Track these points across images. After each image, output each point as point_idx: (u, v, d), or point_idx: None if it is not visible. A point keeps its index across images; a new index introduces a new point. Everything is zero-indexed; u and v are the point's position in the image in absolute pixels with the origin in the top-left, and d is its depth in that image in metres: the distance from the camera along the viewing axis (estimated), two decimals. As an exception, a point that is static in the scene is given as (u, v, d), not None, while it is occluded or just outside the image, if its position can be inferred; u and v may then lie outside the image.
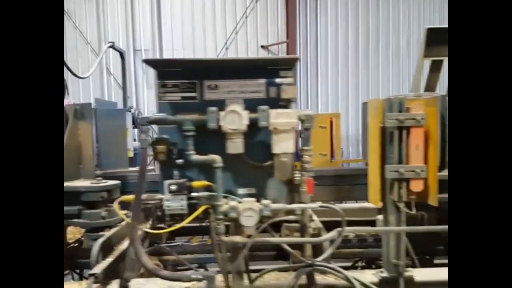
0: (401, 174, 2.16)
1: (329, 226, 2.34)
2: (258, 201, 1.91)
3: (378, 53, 10.16)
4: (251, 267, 2.17)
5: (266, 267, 2.22)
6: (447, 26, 4.22)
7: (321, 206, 1.95)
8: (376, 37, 10.15)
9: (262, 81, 2.01)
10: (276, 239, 2.03)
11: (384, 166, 2.19)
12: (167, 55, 9.65)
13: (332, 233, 1.99)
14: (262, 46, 10.09)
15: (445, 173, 2.69)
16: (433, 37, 3.99)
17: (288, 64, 2.00)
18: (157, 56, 9.49)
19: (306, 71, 10.16)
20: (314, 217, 2.69)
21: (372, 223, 2.64)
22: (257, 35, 10.09)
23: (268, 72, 2.00)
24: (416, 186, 2.18)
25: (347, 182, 3.44)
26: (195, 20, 9.98)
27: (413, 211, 2.16)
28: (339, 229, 1.98)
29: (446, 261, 3.12)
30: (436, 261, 3.17)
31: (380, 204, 2.23)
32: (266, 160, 1.99)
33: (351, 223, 2.70)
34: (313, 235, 2.35)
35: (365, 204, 3.30)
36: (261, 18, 10.11)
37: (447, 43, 4.86)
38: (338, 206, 3.00)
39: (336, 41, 10.12)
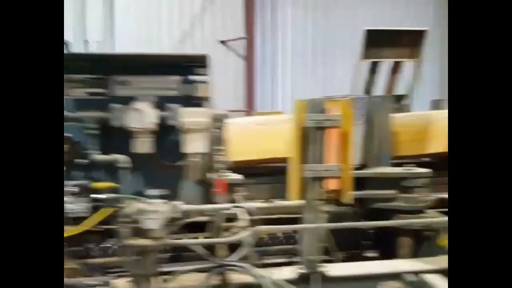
0: (318, 173, 2.21)
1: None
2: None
3: (336, 50, 10.19)
4: (181, 268, 2.15)
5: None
6: (386, 28, 4.34)
7: (234, 207, 1.96)
8: (334, 34, 10.17)
9: (176, 78, 1.98)
10: (184, 241, 2.01)
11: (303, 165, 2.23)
12: (119, 48, 9.33)
13: (246, 233, 2.01)
14: (221, 41, 9.97)
15: (368, 171, 2.80)
16: (371, 38, 4.12)
17: (201, 62, 1.98)
18: (109, 49, 9.15)
19: (263, 68, 10.13)
20: (244, 215, 2.71)
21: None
22: (215, 29, 9.95)
23: (183, 69, 1.98)
24: (332, 184, 2.25)
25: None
26: (150, 11, 9.71)
27: (330, 209, 2.22)
28: (253, 228, 2.00)
29: (375, 254, 3.24)
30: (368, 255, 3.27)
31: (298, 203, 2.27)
32: (177, 159, 1.97)
33: (290, 220, 2.76)
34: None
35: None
36: (221, 12, 9.96)
37: (386, 45, 4.94)
38: (279, 203, 3.05)
39: (295, 37, 10.11)
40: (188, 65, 1.98)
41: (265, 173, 3.25)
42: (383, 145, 2.90)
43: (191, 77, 1.99)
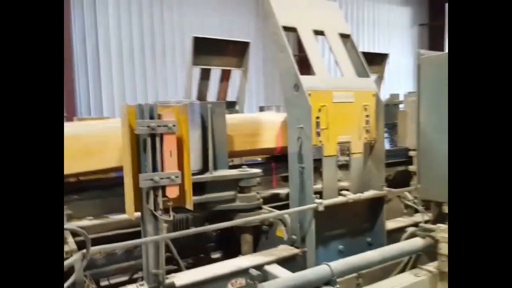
0: (156, 182, 2.13)
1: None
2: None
3: (167, 55, 10.01)
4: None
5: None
6: (212, 36, 4.52)
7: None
8: (162, 37, 9.96)
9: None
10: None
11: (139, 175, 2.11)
12: None
13: (75, 257, 1.77)
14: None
15: (208, 175, 2.86)
16: (200, 46, 4.25)
17: None
18: None
19: (85, 71, 9.18)
20: (69, 238, 2.40)
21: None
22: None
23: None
24: (172, 192, 2.20)
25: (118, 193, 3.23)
26: None
27: (171, 218, 2.17)
28: (83, 251, 1.78)
29: (219, 255, 3.33)
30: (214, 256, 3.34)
31: (135, 215, 2.14)
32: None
33: (124, 235, 2.56)
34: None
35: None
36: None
37: (214, 53, 5.11)
38: (114, 218, 2.79)
39: (119, 39, 9.49)
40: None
41: (94, 187, 2.97)
42: (220, 149, 3.01)
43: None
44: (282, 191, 3.96)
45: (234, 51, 4.41)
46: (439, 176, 2.50)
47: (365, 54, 3.07)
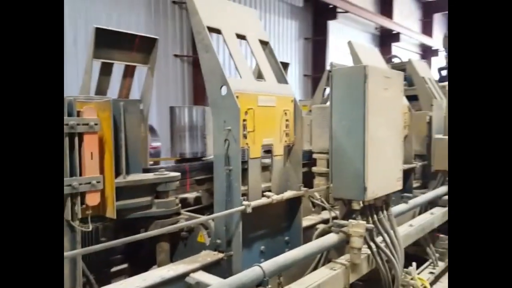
0: (75, 188, 1.89)
1: None
2: None
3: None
4: None
5: None
6: (115, 29, 4.21)
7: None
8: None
9: None
10: None
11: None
12: None
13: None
14: None
15: (121, 179, 2.64)
16: (103, 38, 3.90)
17: None
18: None
19: None
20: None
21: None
22: None
23: None
24: (93, 199, 1.98)
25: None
26: None
27: (90, 228, 1.95)
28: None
29: (124, 266, 3.09)
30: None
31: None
32: None
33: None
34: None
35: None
36: None
37: (118, 47, 4.79)
38: None
39: None
40: None
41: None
42: (133, 151, 2.82)
43: None
44: (190, 195, 3.89)
45: (140, 47, 4.17)
46: (349, 176, 2.78)
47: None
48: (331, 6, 14.87)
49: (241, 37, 2.92)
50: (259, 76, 3.04)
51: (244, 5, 3.20)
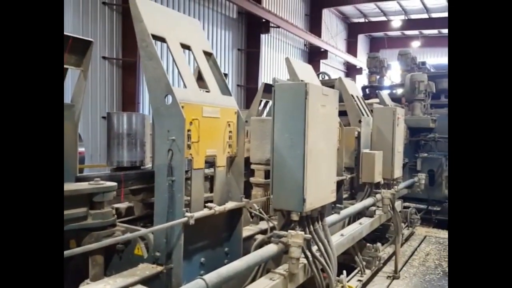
0: None
1: None
2: None
3: None
4: None
5: None
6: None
7: None
8: None
9: None
10: None
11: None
12: None
13: None
14: None
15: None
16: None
17: None
18: None
19: None
20: None
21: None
22: None
23: None
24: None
25: None
26: None
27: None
28: None
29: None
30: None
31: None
32: None
33: None
34: None
35: None
36: None
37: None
38: None
39: None
40: None
41: None
42: (66, 159, 2.68)
43: None
44: (122, 205, 3.77)
45: (73, 49, 3.99)
46: (289, 188, 2.93)
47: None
48: (264, 20, 15.39)
49: (185, 47, 2.95)
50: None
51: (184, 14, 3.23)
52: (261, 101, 5.91)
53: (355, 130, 5.27)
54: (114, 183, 2.80)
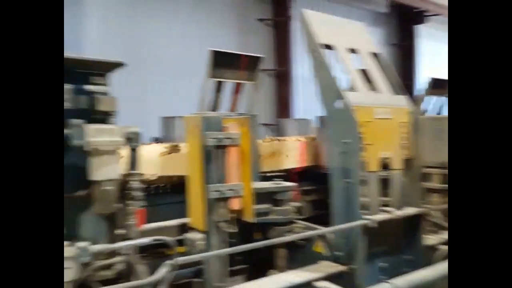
0: (222, 193, 2.22)
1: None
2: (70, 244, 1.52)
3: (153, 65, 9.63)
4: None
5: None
6: (231, 51, 4.65)
7: (155, 240, 1.74)
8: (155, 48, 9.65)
9: (67, 86, 1.64)
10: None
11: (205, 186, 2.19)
12: None
13: (162, 270, 1.80)
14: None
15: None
16: (216, 59, 4.36)
17: (103, 69, 1.71)
18: None
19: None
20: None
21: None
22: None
23: (76, 77, 1.65)
24: (236, 204, 2.30)
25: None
26: None
27: (236, 229, 2.25)
28: (169, 261, 1.81)
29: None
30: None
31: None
32: (78, 189, 1.61)
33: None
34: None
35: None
36: None
37: (228, 66, 5.20)
38: None
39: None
40: (83, 72, 1.67)
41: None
42: (254, 161, 3.12)
43: (87, 87, 1.68)
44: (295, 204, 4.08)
45: (246, 65, 4.56)
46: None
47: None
48: (416, 10, 14.36)
49: (352, 51, 3.10)
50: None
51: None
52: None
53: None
54: (294, 183, 3.12)
